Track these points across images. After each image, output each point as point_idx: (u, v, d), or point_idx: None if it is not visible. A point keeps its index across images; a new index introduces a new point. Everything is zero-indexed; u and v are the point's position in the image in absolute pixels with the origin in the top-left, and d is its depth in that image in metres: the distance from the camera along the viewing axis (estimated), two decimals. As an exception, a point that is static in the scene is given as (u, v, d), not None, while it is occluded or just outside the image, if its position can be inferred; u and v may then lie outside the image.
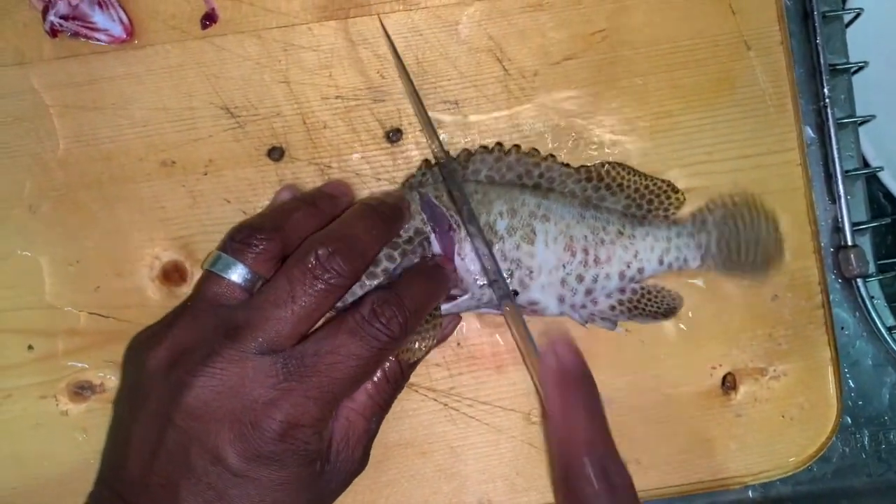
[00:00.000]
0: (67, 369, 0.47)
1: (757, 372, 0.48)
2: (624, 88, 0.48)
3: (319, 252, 0.40)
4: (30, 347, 0.47)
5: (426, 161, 0.47)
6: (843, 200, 0.51)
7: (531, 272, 0.45)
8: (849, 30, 0.54)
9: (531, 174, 0.47)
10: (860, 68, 0.53)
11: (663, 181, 0.48)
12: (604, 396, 0.47)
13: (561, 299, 0.46)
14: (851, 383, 0.51)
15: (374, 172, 0.48)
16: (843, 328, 0.51)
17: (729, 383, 0.48)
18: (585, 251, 0.46)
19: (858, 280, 0.51)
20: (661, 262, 0.47)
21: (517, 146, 0.47)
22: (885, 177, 0.57)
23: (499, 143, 0.47)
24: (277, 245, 0.41)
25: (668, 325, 0.48)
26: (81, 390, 0.47)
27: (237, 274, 0.41)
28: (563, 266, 0.46)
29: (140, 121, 0.48)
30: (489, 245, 0.44)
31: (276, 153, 0.48)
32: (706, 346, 0.48)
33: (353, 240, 0.41)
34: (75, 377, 0.47)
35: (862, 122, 0.53)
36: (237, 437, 0.37)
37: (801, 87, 0.50)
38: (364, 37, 0.48)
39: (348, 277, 0.40)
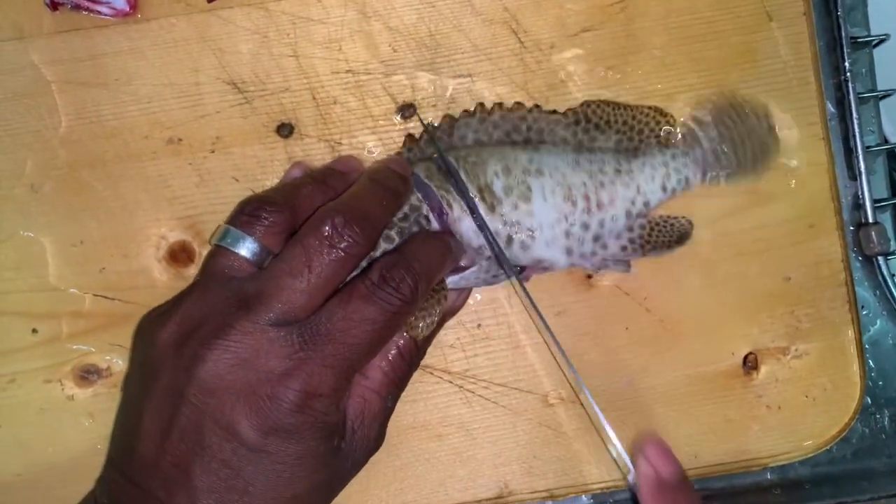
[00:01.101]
0: (73, 353, 0.46)
1: (779, 352, 0.47)
2: (642, 61, 0.47)
3: (336, 220, 0.38)
4: (34, 331, 0.46)
5: (410, 136, 0.46)
6: (863, 177, 0.49)
7: (532, 232, 0.44)
8: (870, 1, 0.52)
9: (519, 129, 0.46)
10: (881, 41, 0.52)
11: (649, 108, 0.47)
12: (625, 377, 0.47)
13: (569, 252, 0.45)
14: (871, 363, 0.50)
15: (386, 149, 0.47)
16: (862, 307, 0.50)
17: (750, 363, 0.47)
18: (587, 198, 0.45)
19: (879, 258, 0.50)
20: (664, 189, 0.46)
21: (500, 104, 0.46)
22: (905, 152, 0.56)
23: (481, 104, 0.46)
24: (287, 219, 0.40)
25: (685, 304, 0.47)
26: (87, 374, 0.46)
27: (246, 248, 0.40)
28: (566, 217, 0.44)
29: (145, 97, 0.46)
30: (486, 228, 0.43)
31: (285, 130, 0.46)
32: (727, 325, 0.47)
33: (367, 209, 0.40)
34: (81, 361, 0.46)
35: (883, 97, 0.52)
36: (253, 410, 0.36)
37: (822, 60, 0.49)
38: (375, 9, 0.46)
39: (364, 246, 0.39)
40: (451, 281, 0.44)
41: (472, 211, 0.43)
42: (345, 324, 0.37)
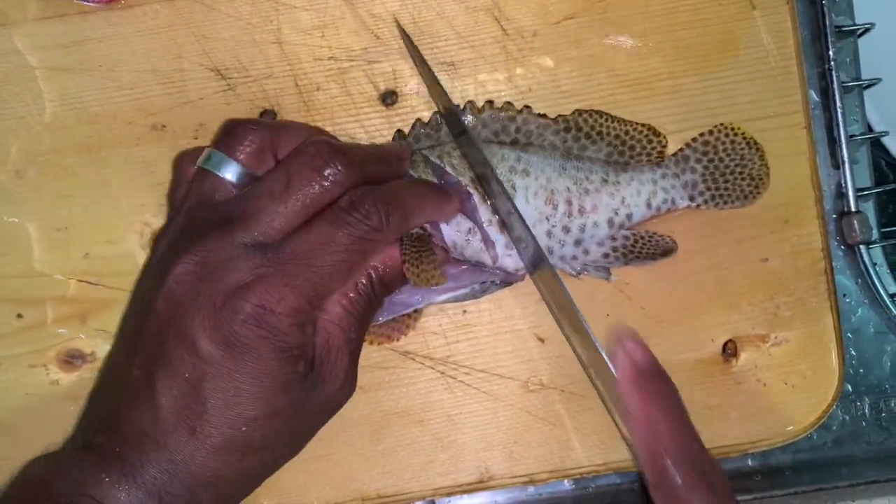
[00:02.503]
0: (57, 338, 0.46)
1: (758, 339, 0.48)
2: (625, 49, 0.47)
3: (322, 147, 0.39)
4: (18, 316, 0.46)
5: (399, 131, 0.46)
6: (846, 165, 0.50)
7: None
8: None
9: (507, 129, 0.46)
10: (866, 30, 0.52)
11: (644, 125, 0.47)
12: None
13: (549, 251, 0.45)
14: (853, 351, 0.51)
15: (369, 136, 0.47)
16: (844, 295, 0.51)
17: (730, 350, 0.47)
18: (569, 202, 0.45)
19: (861, 247, 0.50)
20: (648, 206, 0.46)
21: (490, 102, 0.46)
22: (889, 142, 0.56)
23: (470, 102, 0.46)
24: (269, 140, 0.40)
25: (666, 291, 0.47)
26: (72, 359, 0.46)
27: (230, 171, 0.40)
28: (547, 219, 0.45)
29: (128, 83, 0.46)
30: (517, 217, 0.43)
31: (267, 116, 0.47)
32: (707, 312, 0.47)
33: (354, 150, 0.40)
34: (65, 346, 0.46)
35: (867, 86, 0.52)
36: (210, 321, 0.36)
37: (806, 49, 0.49)
38: (358, -5, 0.47)
39: (346, 178, 0.39)
40: (443, 297, 0.44)
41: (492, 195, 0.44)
42: (309, 245, 0.37)
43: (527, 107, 0.46)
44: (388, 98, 0.47)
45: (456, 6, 0.47)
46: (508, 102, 0.46)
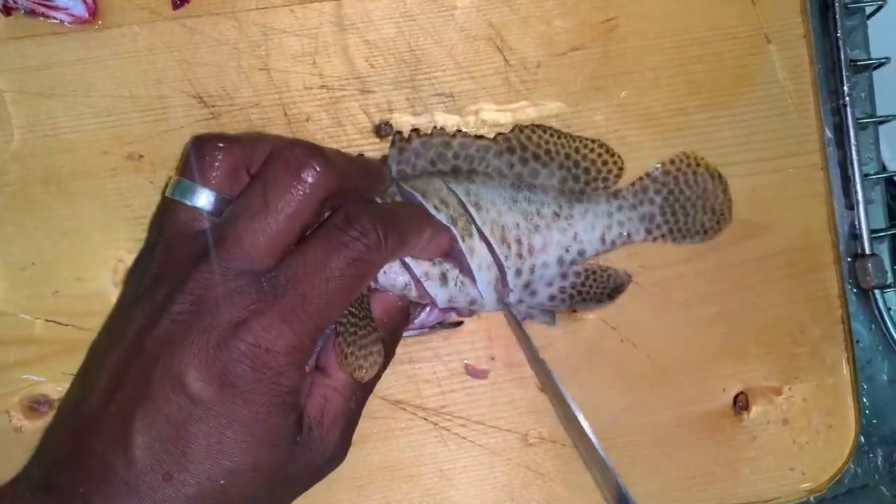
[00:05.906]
0: (21, 382, 0.43)
1: (771, 391, 0.45)
2: (634, 83, 0.45)
3: (297, 151, 0.36)
4: (-21, 358, 0.43)
5: (398, 133, 0.44)
6: (861, 206, 0.48)
7: (470, 269, 0.41)
8: (870, 23, 0.50)
9: (444, 157, 0.43)
10: (881, 64, 0.50)
11: (594, 142, 0.44)
12: (609, 415, 0.44)
13: (499, 298, 0.42)
14: (865, 400, 0.49)
15: (362, 170, 0.44)
16: (858, 342, 0.48)
17: (741, 403, 0.45)
18: (519, 241, 0.42)
19: (875, 291, 0.48)
20: (603, 241, 0.43)
21: (416, 130, 0.43)
22: (903, 180, 0.54)
23: (398, 132, 0.44)
24: (242, 157, 0.38)
25: (674, 338, 0.45)
26: (37, 405, 0.43)
27: (202, 199, 0.37)
28: (505, 259, 0.42)
29: (104, 110, 0.44)
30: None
31: (254, 147, 0.44)
32: (717, 362, 0.45)
33: (334, 156, 0.37)
34: (30, 391, 0.43)
35: (882, 122, 0.50)
36: (202, 360, 0.34)
37: (819, 84, 0.47)
38: (352, 21, 0.44)
39: (326, 179, 0.36)
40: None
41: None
42: (304, 272, 0.35)
43: (459, 130, 0.44)
44: (383, 129, 0.44)
45: (456, 34, 0.44)
46: (437, 127, 0.44)
